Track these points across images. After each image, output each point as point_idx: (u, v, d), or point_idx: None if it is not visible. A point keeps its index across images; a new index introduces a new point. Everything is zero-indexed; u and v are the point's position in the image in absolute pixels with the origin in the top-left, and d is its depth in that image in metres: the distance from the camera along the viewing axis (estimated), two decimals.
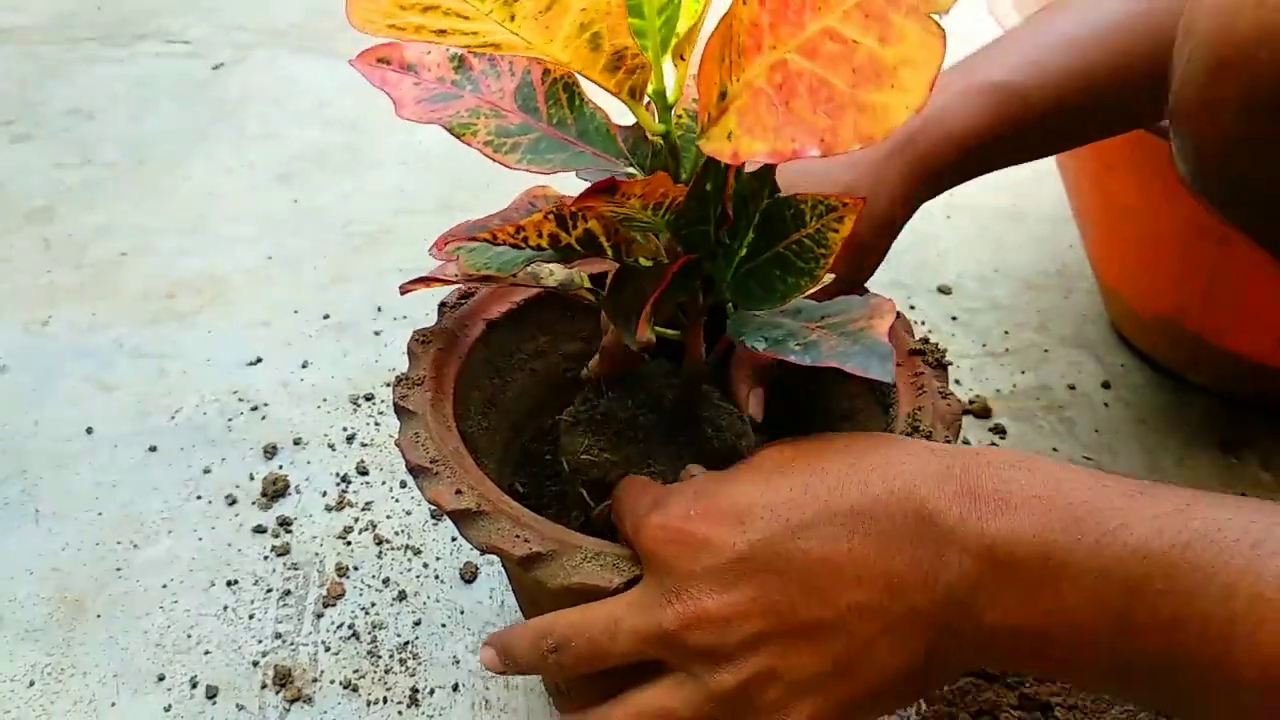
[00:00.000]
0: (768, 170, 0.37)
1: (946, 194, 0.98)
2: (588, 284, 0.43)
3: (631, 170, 0.38)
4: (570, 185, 0.37)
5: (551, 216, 0.35)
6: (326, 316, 0.78)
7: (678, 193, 0.33)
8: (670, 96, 0.35)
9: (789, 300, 0.36)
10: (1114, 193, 0.66)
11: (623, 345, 0.42)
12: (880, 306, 0.35)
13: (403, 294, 0.44)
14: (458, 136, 0.37)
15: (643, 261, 0.37)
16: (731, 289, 0.37)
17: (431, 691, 0.53)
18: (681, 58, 0.34)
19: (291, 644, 0.55)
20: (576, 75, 0.38)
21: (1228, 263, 0.61)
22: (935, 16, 0.27)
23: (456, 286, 0.48)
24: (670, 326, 0.41)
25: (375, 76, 0.38)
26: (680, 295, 0.38)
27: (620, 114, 0.39)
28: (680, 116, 0.39)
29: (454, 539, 0.61)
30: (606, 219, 0.35)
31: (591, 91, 0.39)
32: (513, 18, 0.31)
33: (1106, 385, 0.74)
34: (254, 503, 0.63)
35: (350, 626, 0.56)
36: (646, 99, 0.35)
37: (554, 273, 0.43)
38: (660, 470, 0.41)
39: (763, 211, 0.37)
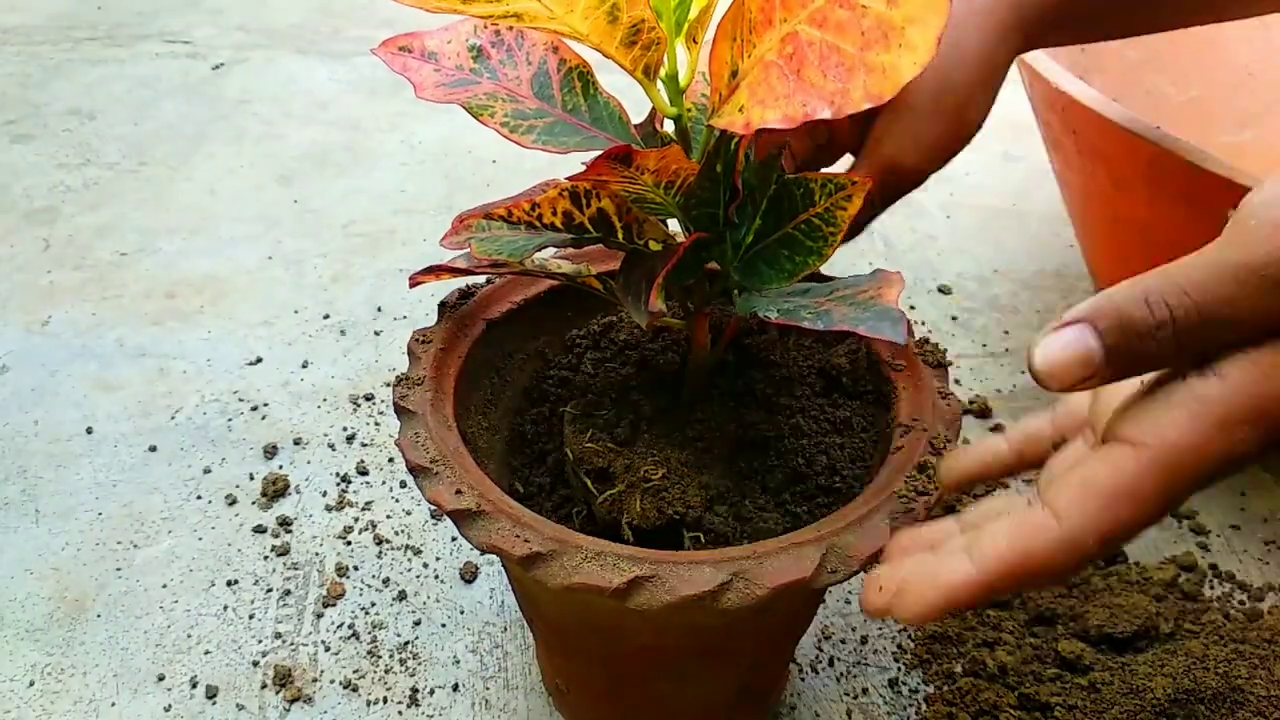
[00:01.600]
0: (775, 158, 0.37)
1: (946, 193, 0.98)
2: (595, 273, 0.43)
3: None
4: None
5: (566, 194, 0.35)
6: (327, 316, 0.78)
7: (689, 169, 0.33)
8: (683, 80, 0.35)
9: (796, 279, 0.37)
10: (1125, 210, 0.65)
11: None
12: (888, 278, 0.35)
13: (412, 286, 0.44)
14: (475, 116, 0.37)
15: (653, 245, 0.38)
16: (739, 271, 0.38)
17: (431, 691, 0.53)
18: (694, 40, 0.35)
19: (291, 644, 0.55)
20: (591, 66, 0.38)
21: None
22: None
23: (457, 286, 0.48)
24: (675, 318, 0.41)
25: (396, 63, 0.38)
26: (689, 276, 0.38)
27: (632, 110, 0.39)
28: (690, 109, 0.39)
29: (454, 539, 0.61)
30: (619, 198, 0.35)
31: (605, 83, 0.39)
32: None
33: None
34: (254, 503, 0.63)
35: (350, 626, 0.56)
36: (659, 83, 0.35)
37: (562, 265, 0.43)
38: (663, 460, 0.41)
39: (770, 196, 0.37)
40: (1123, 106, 0.59)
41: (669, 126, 0.38)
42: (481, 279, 0.48)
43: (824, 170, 0.45)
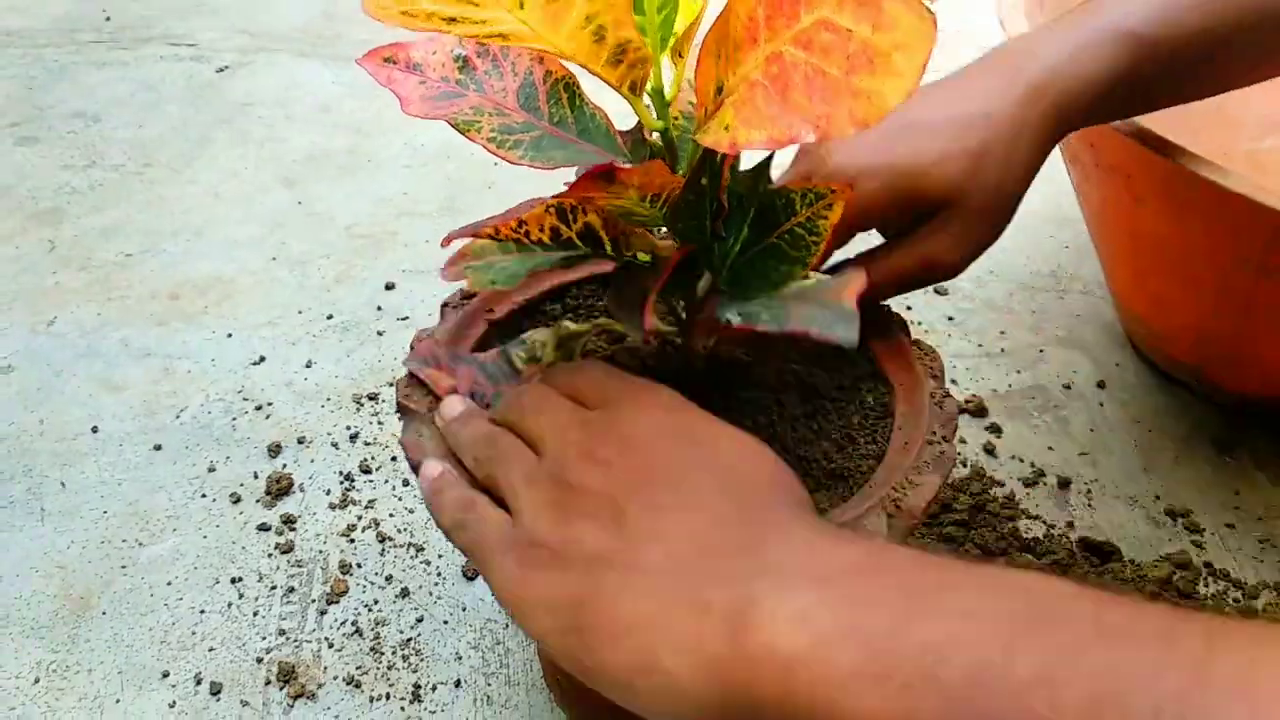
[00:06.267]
0: (762, 167, 0.37)
1: None
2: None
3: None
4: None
5: (552, 210, 0.36)
6: (330, 317, 0.78)
7: (674, 184, 0.34)
8: (668, 94, 0.36)
9: (783, 288, 0.37)
10: (1142, 224, 0.65)
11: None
12: (850, 277, 0.35)
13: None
14: (462, 132, 0.37)
15: (641, 257, 0.38)
16: (727, 281, 0.38)
17: (434, 688, 0.53)
18: (680, 55, 0.35)
19: (295, 641, 0.55)
20: (577, 77, 0.38)
21: (1267, 291, 0.60)
22: (926, 1, 0.27)
23: (458, 286, 0.48)
24: (668, 323, 0.42)
25: (381, 75, 0.38)
26: (679, 289, 0.38)
27: (619, 119, 0.40)
28: (677, 118, 0.39)
29: None
30: (606, 213, 0.35)
31: (591, 93, 0.39)
32: (521, 5, 0.31)
33: (1101, 385, 0.74)
34: (258, 501, 0.63)
35: (353, 623, 0.56)
36: (646, 97, 0.36)
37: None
38: None
39: (756, 207, 0.38)
40: (1140, 123, 0.58)
41: (657, 135, 0.38)
42: None
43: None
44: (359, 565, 0.60)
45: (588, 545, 0.32)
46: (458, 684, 0.54)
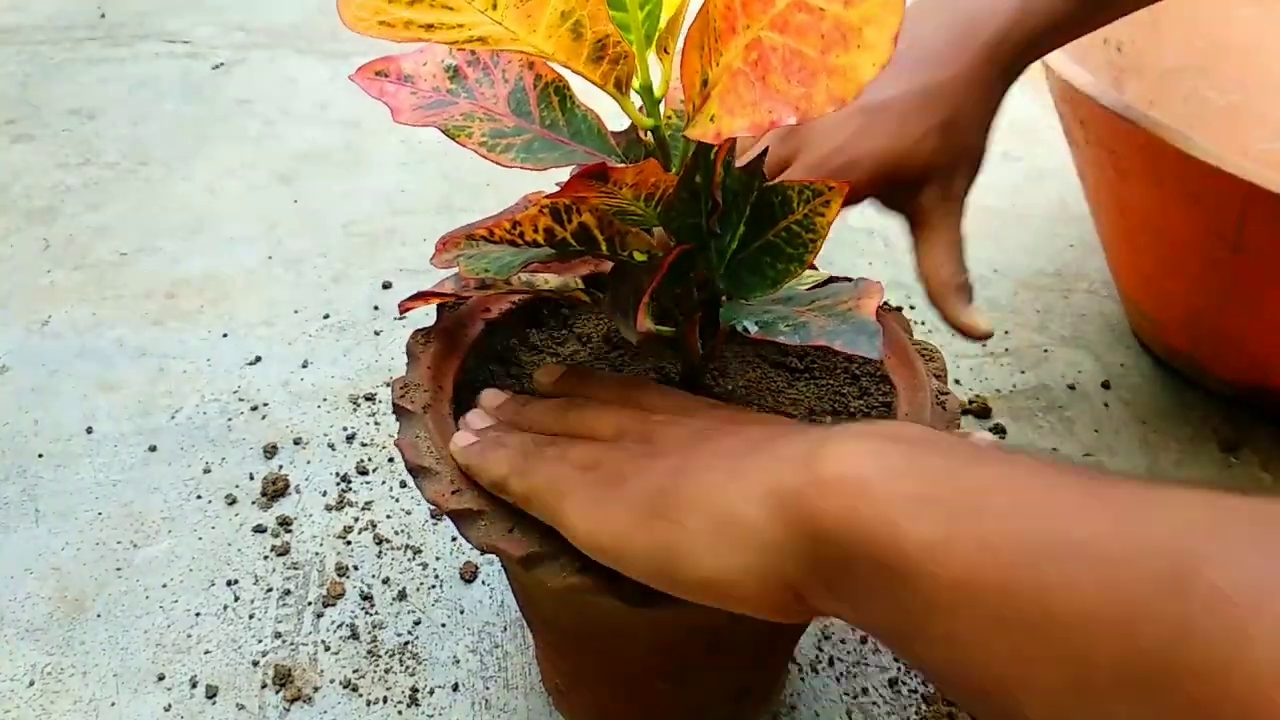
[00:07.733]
0: (757, 163, 0.37)
1: None
2: (582, 286, 0.43)
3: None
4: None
5: (546, 210, 0.35)
6: (326, 316, 0.78)
7: (668, 182, 0.33)
8: (657, 90, 0.35)
9: (780, 286, 0.37)
10: (1129, 200, 0.65)
11: None
12: (868, 288, 0.35)
13: (403, 312, 0.44)
14: (453, 138, 0.37)
15: (637, 256, 0.38)
16: (724, 279, 0.38)
17: (431, 691, 0.53)
18: (665, 50, 0.35)
19: (291, 643, 0.55)
20: (567, 80, 0.38)
21: (1243, 269, 0.60)
22: None
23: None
24: (664, 323, 0.41)
25: (374, 88, 0.38)
26: (675, 288, 0.38)
27: (612, 121, 0.39)
28: (670, 117, 0.39)
29: (454, 539, 0.61)
30: (601, 212, 0.35)
31: (583, 95, 0.39)
32: (495, 6, 0.31)
33: (1106, 385, 0.74)
34: (254, 502, 0.63)
35: (350, 626, 0.56)
36: (635, 95, 0.35)
37: (549, 280, 0.43)
38: None
39: (752, 204, 0.37)
40: (1120, 99, 0.59)
41: (649, 134, 0.38)
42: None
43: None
44: (356, 567, 0.59)
45: (671, 460, 0.35)
46: (455, 688, 0.53)
